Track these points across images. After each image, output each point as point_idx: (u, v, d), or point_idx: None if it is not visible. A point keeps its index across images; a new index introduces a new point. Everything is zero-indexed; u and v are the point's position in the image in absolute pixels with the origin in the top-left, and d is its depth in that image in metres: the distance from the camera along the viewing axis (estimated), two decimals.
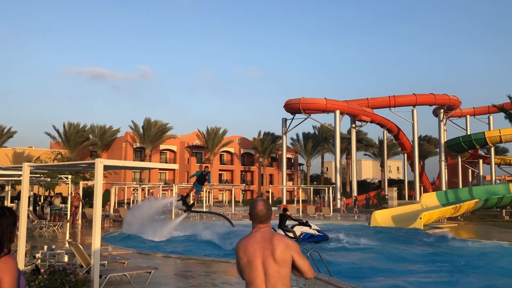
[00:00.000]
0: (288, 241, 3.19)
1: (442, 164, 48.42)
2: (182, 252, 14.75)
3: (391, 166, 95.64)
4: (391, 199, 35.57)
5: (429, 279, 11.04)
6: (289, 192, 62.39)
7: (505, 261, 13.82)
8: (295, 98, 46.34)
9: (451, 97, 49.41)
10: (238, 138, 69.33)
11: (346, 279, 9.71)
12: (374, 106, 49.78)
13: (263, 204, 3.28)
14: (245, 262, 3.14)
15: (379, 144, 63.80)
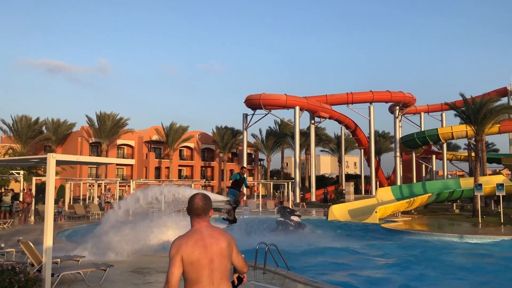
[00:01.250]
0: (230, 235, 3.24)
1: (397, 160, 49.92)
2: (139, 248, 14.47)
3: (349, 161, 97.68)
4: (348, 193, 36.31)
5: (383, 271, 11.37)
6: (250, 188, 62.60)
7: (456, 253, 14.42)
8: (256, 94, 46.48)
9: (406, 95, 50.94)
10: (198, 133, 68.81)
11: (302, 272, 9.85)
12: (332, 102, 50.66)
13: (200, 197, 3.24)
14: (193, 259, 3.04)
15: (337, 140, 65.03)
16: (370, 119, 49.82)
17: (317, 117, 49.72)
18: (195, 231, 3.16)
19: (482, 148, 31.61)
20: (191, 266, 3.03)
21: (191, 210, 3.22)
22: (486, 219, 25.22)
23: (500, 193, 25.14)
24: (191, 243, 3.08)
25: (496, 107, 29.65)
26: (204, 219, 3.22)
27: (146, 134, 64.86)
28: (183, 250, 3.05)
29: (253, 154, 73.49)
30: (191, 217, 3.23)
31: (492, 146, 67.05)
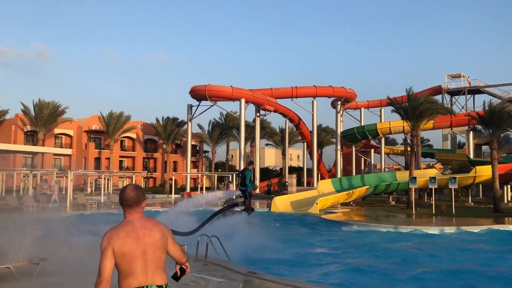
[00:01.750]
0: (164, 226, 3.21)
1: (338, 153, 51.34)
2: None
3: (292, 154, 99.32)
4: (291, 185, 36.95)
5: (321, 260, 11.68)
6: (194, 179, 62.10)
7: (391, 243, 15.08)
8: (201, 85, 46.02)
9: (348, 90, 52.41)
10: (141, 123, 67.19)
11: (243, 263, 9.91)
12: (277, 96, 51.20)
13: (132, 188, 3.20)
14: (125, 251, 2.97)
15: (281, 133, 65.89)
16: (313, 113, 50.81)
17: (263, 110, 50.07)
18: (127, 222, 3.11)
19: (418, 143, 33.22)
20: (123, 258, 2.97)
21: (122, 201, 3.14)
22: (419, 210, 26.58)
23: (433, 186, 26.59)
24: (122, 234, 3.01)
25: (431, 104, 31.21)
26: (136, 210, 3.15)
27: (85, 123, 62.49)
28: (114, 241, 2.98)
29: (198, 145, 72.90)
30: (123, 208, 3.16)
31: (426, 142, 70.64)
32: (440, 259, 12.06)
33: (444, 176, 31.69)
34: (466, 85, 53.56)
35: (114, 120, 57.50)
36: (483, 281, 9.55)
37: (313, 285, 7.53)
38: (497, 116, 26.69)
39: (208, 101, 46.85)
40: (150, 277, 3.02)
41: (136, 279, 2.99)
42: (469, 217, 22.49)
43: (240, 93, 46.04)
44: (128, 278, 2.99)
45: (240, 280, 7.94)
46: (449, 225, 19.11)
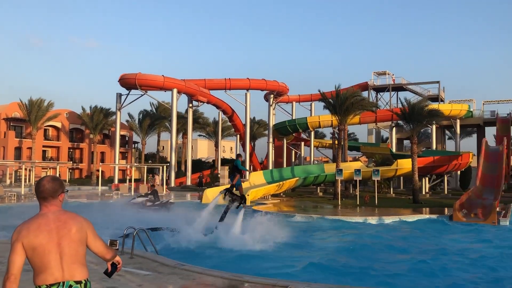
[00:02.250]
0: (83, 219, 3.04)
1: (270, 146, 52.14)
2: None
3: (225, 146, 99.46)
4: (223, 177, 36.97)
5: (249, 248, 11.82)
6: (122, 171, 60.31)
7: (318, 231, 15.60)
8: (131, 73, 44.63)
9: (280, 84, 53.25)
10: (66, 112, 63.99)
11: (172, 256, 9.81)
12: (210, 87, 50.90)
13: (48, 179, 3.02)
14: (36, 244, 2.81)
15: (214, 124, 65.67)
16: (247, 105, 51.12)
17: (195, 101, 49.56)
18: (40, 215, 2.94)
19: (345, 136, 34.55)
20: (35, 252, 2.81)
21: (37, 193, 2.97)
22: (345, 201, 27.71)
23: (358, 178, 27.81)
24: (33, 227, 2.84)
25: (357, 100, 32.53)
26: (53, 203, 2.98)
27: (4, 110, 58.44)
28: (23, 235, 2.82)
29: (127, 136, 70.80)
30: (39, 201, 2.98)
31: (353, 136, 73.61)
32: (365, 247, 12.65)
33: (368, 169, 33.22)
34: (390, 82, 56.30)
35: (35, 108, 54.20)
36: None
37: (239, 276, 7.61)
38: (417, 113, 28.37)
39: (139, 90, 45.58)
40: (67, 272, 2.85)
41: (51, 274, 2.82)
42: (390, 208, 23.79)
43: (172, 83, 45.22)
44: (43, 274, 2.83)
45: (168, 272, 7.85)
46: (371, 215, 20.09)
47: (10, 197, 27.90)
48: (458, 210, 19.19)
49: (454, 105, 50.08)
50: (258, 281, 7.19)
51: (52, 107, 56.03)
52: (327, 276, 9.00)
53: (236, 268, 8.75)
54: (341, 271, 9.59)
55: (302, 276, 8.85)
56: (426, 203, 27.00)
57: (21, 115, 56.73)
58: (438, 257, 11.29)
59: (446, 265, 10.37)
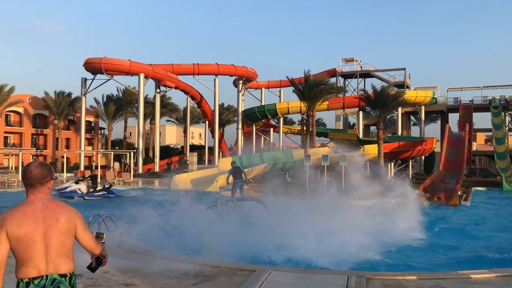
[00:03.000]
0: (73, 209, 2.86)
1: (239, 132, 52.10)
2: None
3: (194, 132, 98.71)
4: (192, 163, 36.78)
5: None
6: (88, 157, 59.05)
7: None
8: (97, 57, 43.50)
9: (249, 70, 53.06)
10: (29, 97, 61.90)
11: (140, 242, 9.71)
12: (179, 72, 50.21)
13: (36, 165, 2.82)
14: (21, 234, 2.63)
15: (183, 110, 65.01)
16: (215, 91, 50.77)
17: (163, 86, 48.84)
18: (27, 202, 2.76)
19: (313, 123, 34.85)
20: (19, 242, 2.64)
21: (24, 179, 2.79)
22: (313, 186, 28.03)
23: (325, 163, 28.16)
24: (18, 215, 2.67)
25: (326, 86, 32.81)
26: (40, 190, 2.80)
27: None
28: (7, 223, 2.64)
29: (93, 122, 69.24)
30: (26, 188, 2.81)
31: (321, 121, 74.37)
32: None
33: (335, 154, 33.69)
34: (358, 69, 57.00)
35: None
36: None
37: (207, 260, 7.61)
38: (383, 99, 28.88)
39: (105, 75, 44.52)
40: (51, 265, 2.68)
41: (35, 267, 2.65)
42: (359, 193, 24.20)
43: (139, 67, 44.37)
44: (25, 266, 2.65)
45: (135, 258, 7.77)
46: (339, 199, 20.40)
47: None
48: (422, 193, 19.76)
49: (419, 91, 51.23)
50: (226, 266, 7.20)
51: (13, 92, 54.10)
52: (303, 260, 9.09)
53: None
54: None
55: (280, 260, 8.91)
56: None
57: None
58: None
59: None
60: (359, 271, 7.08)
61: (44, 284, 2.67)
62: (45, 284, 2.67)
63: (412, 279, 6.57)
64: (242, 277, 6.52)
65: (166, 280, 6.43)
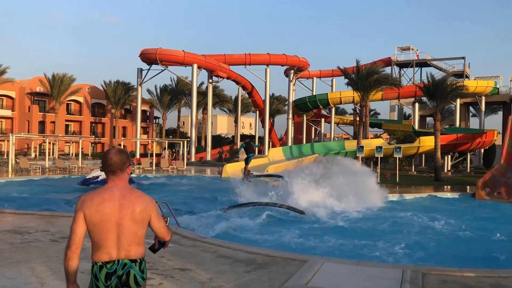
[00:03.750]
0: (149, 199, 2.92)
1: (289, 122, 51.92)
2: (19, 207, 13.49)
3: (244, 122, 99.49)
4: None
5: (267, 227, 11.89)
6: (143, 145, 61.05)
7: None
8: (152, 48, 44.62)
9: (301, 59, 52.58)
10: (88, 86, 64.68)
11: (192, 229, 9.93)
12: (230, 62, 50.60)
13: (115, 152, 2.90)
14: (96, 220, 2.72)
15: (234, 100, 65.58)
16: (266, 81, 50.77)
17: (215, 77, 49.43)
18: (106, 189, 2.85)
19: (366, 113, 34.11)
20: (95, 227, 2.74)
21: (105, 166, 2.87)
22: None
23: (379, 155, 27.53)
24: (97, 201, 2.76)
25: (380, 76, 31.95)
26: (120, 177, 2.88)
27: (28, 84, 59.39)
28: (86, 207, 2.75)
29: (148, 111, 71.37)
30: (106, 175, 2.89)
31: (374, 112, 72.70)
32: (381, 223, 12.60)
33: (389, 146, 32.85)
34: (414, 57, 55.07)
35: (58, 82, 54.94)
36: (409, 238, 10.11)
37: (259, 249, 7.67)
38: (441, 89, 27.75)
39: (159, 66, 45.63)
40: (122, 252, 2.78)
41: (107, 253, 2.77)
42: (412, 185, 23.56)
43: (193, 58, 45.10)
44: (99, 251, 2.77)
45: (189, 245, 7.96)
46: (392, 192, 19.93)
47: (35, 170, 28.56)
48: (481, 188, 18.90)
49: (480, 81, 48.80)
50: (278, 255, 7.23)
51: (74, 81, 56.72)
52: (353, 253, 8.98)
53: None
54: (365, 249, 9.56)
55: (323, 250, 8.87)
56: (448, 181, 26.65)
57: (44, 90, 57.61)
58: (460, 231, 11.21)
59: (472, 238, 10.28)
60: (415, 266, 6.89)
61: (116, 268, 2.79)
62: (116, 268, 2.79)
63: (471, 276, 6.31)
64: (294, 266, 6.53)
65: (219, 266, 6.55)
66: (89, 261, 2.91)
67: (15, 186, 20.56)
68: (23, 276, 5.89)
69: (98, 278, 2.78)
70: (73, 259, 2.74)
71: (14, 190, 18.55)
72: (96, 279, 2.79)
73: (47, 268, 6.27)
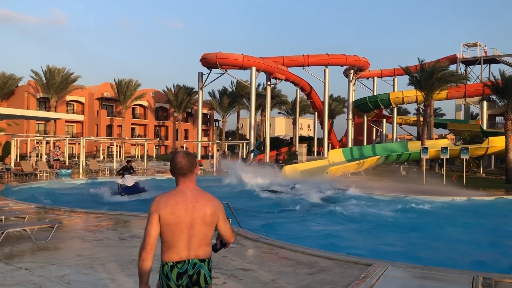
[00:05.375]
0: (218, 202, 3.03)
1: (349, 123, 51.04)
2: (89, 207, 14.28)
3: (303, 123, 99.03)
4: (301, 154, 37.02)
5: (332, 228, 11.77)
6: (204, 147, 62.46)
7: (401, 212, 15.14)
8: (212, 53, 45.54)
9: (361, 59, 51.53)
10: (152, 91, 67.18)
11: (253, 230, 10.04)
12: (289, 64, 50.54)
13: (182, 154, 3.01)
14: (171, 221, 2.84)
15: (293, 102, 65.45)
16: (325, 82, 50.22)
17: (274, 79, 49.60)
18: (179, 191, 2.95)
19: (430, 113, 32.87)
20: (168, 228, 2.86)
21: (175, 169, 2.98)
22: (430, 180, 26.50)
23: (444, 156, 26.40)
24: (172, 203, 2.88)
25: (445, 74, 30.66)
26: (190, 178, 2.99)
27: (97, 90, 62.66)
28: (161, 209, 2.86)
29: (209, 114, 72.91)
30: (176, 177, 3.00)
31: (439, 111, 69.81)
32: (443, 227, 12.09)
33: (456, 147, 31.43)
34: (482, 54, 52.36)
35: (124, 87, 57.59)
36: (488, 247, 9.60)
37: (321, 252, 7.62)
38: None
39: (219, 69, 46.50)
40: (192, 252, 2.90)
41: (177, 254, 2.88)
42: (480, 188, 22.40)
43: (251, 61, 45.53)
44: (170, 251, 2.88)
45: (251, 245, 8.06)
46: (459, 194, 19.06)
47: (104, 171, 30.06)
48: None
49: None
50: (340, 258, 7.15)
51: (139, 86, 59.18)
52: (420, 257, 8.71)
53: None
54: (437, 253, 9.23)
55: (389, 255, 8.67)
56: None
57: (111, 95, 60.55)
58: None
59: None
60: (486, 272, 6.55)
61: (186, 268, 2.90)
62: (187, 268, 2.90)
63: None
64: (357, 270, 6.43)
65: (281, 267, 6.58)
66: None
67: (85, 186, 21.75)
68: (96, 272, 6.23)
69: (169, 278, 2.88)
70: (147, 260, 2.84)
71: (85, 191, 19.63)
72: (167, 278, 2.89)
73: (117, 265, 6.60)
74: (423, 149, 26.75)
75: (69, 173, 27.41)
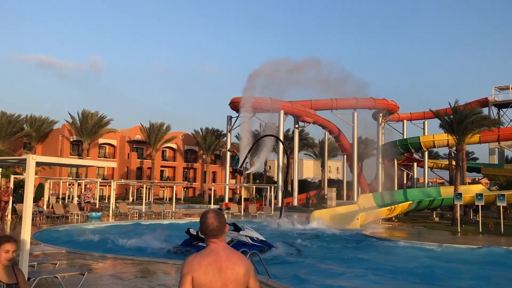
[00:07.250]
0: (248, 261, 3.02)
1: (379, 166, 50.31)
2: (120, 252, 14.30)
3: (331, 166, 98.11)
4: (330, 199, 36.49)
5: (364, 279, 11.38)
6: (232, 190, 62.43)
7: (435, 261, 14.54)
8: (240, 97, 46.40)
9: (390, 102, 51.39)
10: (181, 134, 68.37)
11: (282, 280, 9.80)
12: (316, 108, 50.82)
13: (214, 215, 2.96)
14: (205, 282, 2.81)
15: (321, 144, 65.26)
16: (354, 125, 50.11)
17: (301, 122, 49.85)
18: (211, 251, 2.93)
19: (463, 157, 32.09)
20: None
21: (206, 231, 2.95)
22: (465, 227, 25.54)
23: (479, 203, 25.50)
24: (205, 263, 2.85)
25: (477, 118, 30.11)
26: (222, 238, 2.98)
27: (128, 133, 64.22)
28: (195, 269, 2.83)
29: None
30: (206, 238, 2.98)
31: (472, 155, 68.15)
32: (483, 278, 11.51)
33: (491, 193, 30.40)
34: None
35: (155, 131, 58.84)
36: None
37: None
38: None
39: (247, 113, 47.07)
40: None
41: None
42: None
43: (279, 105, 46.05)
44: None
45: None
46: (497, 243, 18.23)
47: (133, 214, 30.29)
48: None
49: None
50: None
51: (169, 130, 60.36)
52: None
53: None
54: None
55: None
56: None
57: (142, 138, 61.89)
58: None
59: None
60: None
61: None
62: None
63: None
64: None
65: None
66: None
67: (115, 230, 21.90)
68: None
69: None
70: None
71: (115, 234, 19.74)
72: None
73: None
74: (457, 195, 25.95)
75: (99, 215, 27.78)
